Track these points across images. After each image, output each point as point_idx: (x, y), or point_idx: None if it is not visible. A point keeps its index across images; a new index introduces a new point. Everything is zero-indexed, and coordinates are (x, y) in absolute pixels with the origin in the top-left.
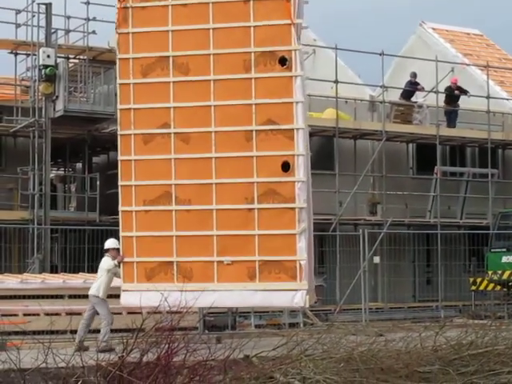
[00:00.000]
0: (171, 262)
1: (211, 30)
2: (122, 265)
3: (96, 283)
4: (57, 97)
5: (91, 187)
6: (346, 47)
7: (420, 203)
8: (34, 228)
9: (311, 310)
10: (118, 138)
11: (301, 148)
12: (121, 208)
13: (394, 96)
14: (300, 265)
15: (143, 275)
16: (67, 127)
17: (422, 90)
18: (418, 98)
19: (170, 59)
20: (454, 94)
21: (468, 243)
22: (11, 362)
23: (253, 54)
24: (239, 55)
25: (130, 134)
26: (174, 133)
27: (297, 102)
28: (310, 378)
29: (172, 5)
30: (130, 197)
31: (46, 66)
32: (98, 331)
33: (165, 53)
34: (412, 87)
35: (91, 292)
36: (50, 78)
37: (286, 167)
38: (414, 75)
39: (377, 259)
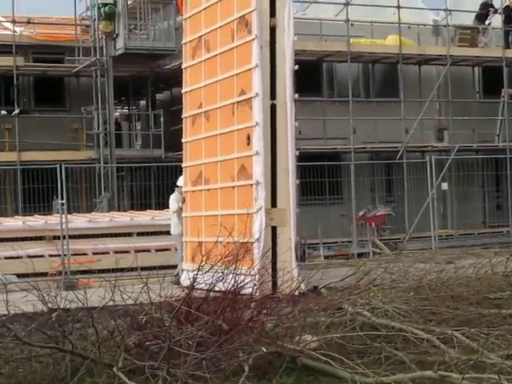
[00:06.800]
0: (201, 243)
1: (218, 3)
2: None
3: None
4: (117, 35)
5: (155, 124)
6: None
7: (488, 128)
8: (101, 167)
9: (380, 239)
10: (183, 121)
11: (256, 117)
12: (184, 189)
13: (458, 19)
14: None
15: (191, 255)
16: (129, 65)
17: (496, 12)
18: (492, 20)
19: (202, 39)
20: (511, 15)
21: None
22: (79, 301)
23: (235, 22)
24: (229, 25)
25: (185, 117)
26: (204, 112)
27: (253, 68)
28: (379, 308)
29: None
30: (186, 178)
31: (105, 5)
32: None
33: (200, 33)
34: (486, 10)
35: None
36: (110, 16)
37: (248, 140)
38: None
39: (445, 186)
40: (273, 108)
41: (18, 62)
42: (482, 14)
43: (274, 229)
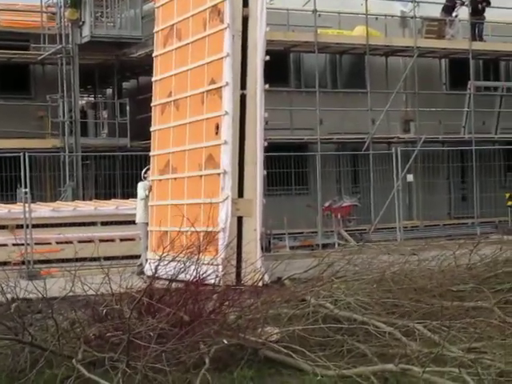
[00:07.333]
0: (166, 232)
1: None
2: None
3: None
4: (83, 22)
5: (121, 113)
6: None
7: (454, 119)
8: (66, 156)
9: (346, 230)
10: (152, 109)
11: (225, 107)
12: (150, 178)
13: (426, 11)
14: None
15: (156, 244)
16: (95, 53)
17: (463, 4)
18: (459, 12)
19: (174, 27)
20: (478, 7)
21: (503, 158)
22: (39, 291)
23: (207, 11)
24: (201, 14)
25: (155, 106)
26: (173, 100)
27: (224, 57)
28: (342, 300)
29: None
30: (153, 166)
31: None
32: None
33: (172, 21)
34: (452, 2)
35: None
36: (76, 3)
37: (217, 129)
38: None
39: (410, 177)
40: (242, 98)
41: None
42: (449, 6)
43: (239, 219)
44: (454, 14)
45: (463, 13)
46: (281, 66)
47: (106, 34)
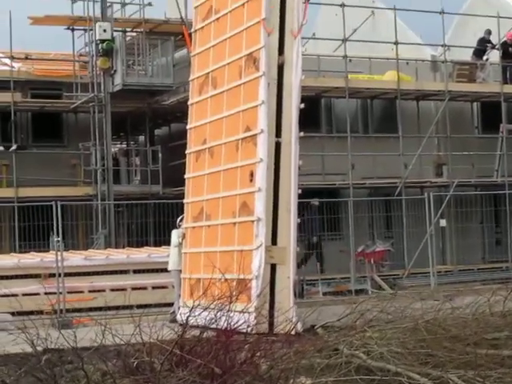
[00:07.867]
0: (199, 279)
1: (227, 40)
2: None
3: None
4: (115, 71)
5: (154, 160)
6: (405, 7)
7: (487, 163)
8: (98, 203)
9: (379, 276)
10: (187, 157)
11: (260, 154)
12: (184, 225)
13: (456, 55)
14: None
15: (188, 292)
16: (127, 101)
17: (494, 47)
18: (490, 56)
19: (210, 75)
20: (508, 50)
21: None
22: (68, 343)
23: (243, 59)
24: (237, 62)
25: (189, 153)
26: (208, 148)
27: (260, 105)
28: (375, 350)
29: (212, 21)
30: (187, 213)
31: (102, 41)
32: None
33: (208, 69)
34: (483, 45)
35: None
36: (108, 52)
37: (251, 177)
38: (489, 33)
39: (443, 222)
40: (277, 146)
41: (15, 98)
42: (480, 50)
43: (273, 266)
44: (484, 58)
45: (494, 56)
46: (312, 112)
47: (138, 82)
